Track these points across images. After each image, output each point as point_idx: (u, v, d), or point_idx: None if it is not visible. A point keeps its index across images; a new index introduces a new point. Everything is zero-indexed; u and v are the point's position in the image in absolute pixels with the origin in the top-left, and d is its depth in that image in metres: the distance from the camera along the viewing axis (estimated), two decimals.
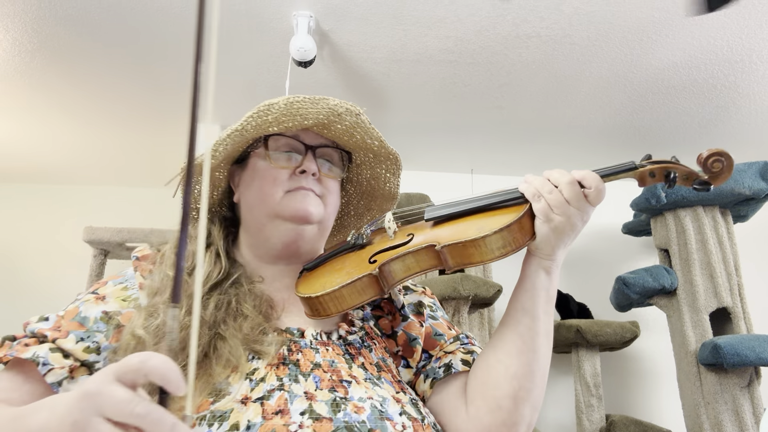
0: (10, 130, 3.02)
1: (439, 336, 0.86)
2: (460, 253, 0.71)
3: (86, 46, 2.31)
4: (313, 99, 0.79)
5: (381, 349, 0.82)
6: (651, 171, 0.72)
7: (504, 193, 0.76)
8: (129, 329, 0.68)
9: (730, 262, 2.41)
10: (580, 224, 0.72)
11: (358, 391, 0.68)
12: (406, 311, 0.89)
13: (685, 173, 0.72)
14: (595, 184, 0.70)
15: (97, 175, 3.64)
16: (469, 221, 0.76)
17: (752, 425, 2.12)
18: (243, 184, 0.87)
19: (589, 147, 3.21)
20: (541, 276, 0.74)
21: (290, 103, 0.77)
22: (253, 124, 0.77)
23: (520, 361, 0.73)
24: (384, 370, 0.77)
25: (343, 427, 0.61)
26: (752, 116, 2.86)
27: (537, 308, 0.74)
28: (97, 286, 0.78)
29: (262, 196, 0.82)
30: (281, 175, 0.81)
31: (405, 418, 0.67)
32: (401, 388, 0.75)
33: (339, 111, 0.81)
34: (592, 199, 0.71)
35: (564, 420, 2.97)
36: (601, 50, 2.36)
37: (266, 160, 0.83)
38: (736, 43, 2.31)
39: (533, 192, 0.72)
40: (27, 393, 0.67)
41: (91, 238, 2.86)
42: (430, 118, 2.90)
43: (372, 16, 2.15)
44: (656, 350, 3.16)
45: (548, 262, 0.74)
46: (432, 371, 0.81)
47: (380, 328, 0.88)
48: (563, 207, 0.70)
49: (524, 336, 0.74)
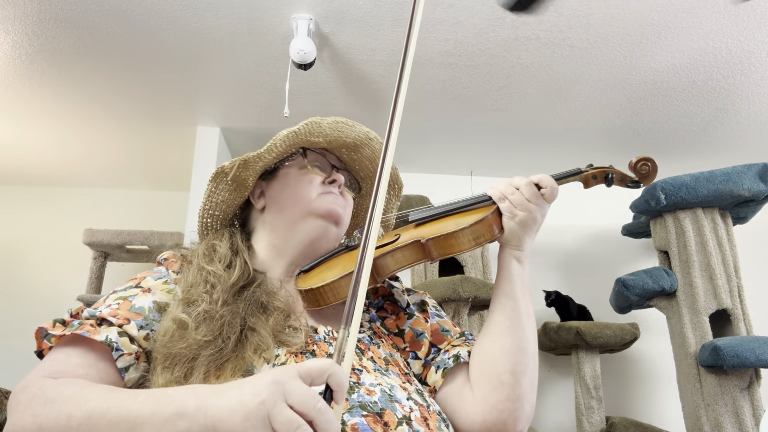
0: (10, 133, 3.03)
1: (446, 332, 0.94)
2: (442, 244, 0.83)
3: (86, 49, 2.31)
4: (353, 123, 0.96)
5: (389, 346, 0.89)
6: (593, 174, 0.92)
7: (474, 198, 0.91)
8: (170, 315, 0.74)
9: (730, 263, 2.41)
10: (540, 218, 0.86)
11: (369, 378, 0.74)
12: (412, 309, 0.97)
13: (619, 175, 0.93)
14: (550, 184, 0.86)
15: (97, 178, 3.64)
16: (446, 220, 0.89)
17: (752, 427, 2.12)
18: (272, 191, 0.96)
19: (588, 149, 3.22)
20: (514, 264, 0.87)
21: (336, 122, 0.93)
22: (306, 130, 0.90)
23: (512, 338, 0.83)
24: (391, 363, 0.83)
25: (357, 406, 0.68)
26: (751, 118, 2.86)
27: (516, 291, 0.86)
28: (136, 281, 0.82)
29: (297, 195, 0.92)
30: (316, 179, 0.94)
31: (412, 402, 0.74)
32: (408, 380, 0.82)
33: (370, 136, 0.99)
34: (548, 197, 0.86)
35: (564, 422, 2.97)
36: (600, 53, 2.36)
37: (302, 168, 0.94)
38: (734, 46, 2.32)
39: (499, 195, 0.86)
40: (102, 372, 0.70)
41: (91, 240, 2.86)
42: (429, 120, 2.91)
43: (372, 18, 2.16)
44: (656, 352, 3.16)
45: (518, 252, 0.87)
46: (442, 362, 0.89)
47: (387, 327, 0.95)
48: (524, 204, 0.84)
49: (510, 316, 0.85)
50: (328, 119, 0.92)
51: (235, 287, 0.79)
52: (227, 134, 3.07)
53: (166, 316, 0.74)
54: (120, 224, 3.13)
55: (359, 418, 0.66)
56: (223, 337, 0.70)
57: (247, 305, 0.77)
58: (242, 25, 2.19)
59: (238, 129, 3.02)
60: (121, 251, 2.99)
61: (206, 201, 0.93)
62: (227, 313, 0.73)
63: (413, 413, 0.71)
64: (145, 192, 3.81)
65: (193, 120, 2.93)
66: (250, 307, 0.77)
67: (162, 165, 3.44)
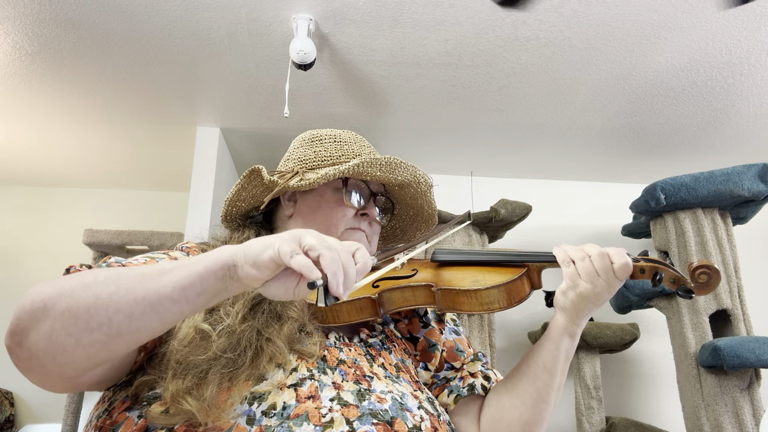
0: (9, 134, 3.03)
1: (460, 352, 0.95)
2: (452, 299, 0.79)
3: (86, 49, 2.31)
4: (406, 164, 0.91)
5: (401, 351, 0.90)
6: (641, 268, 0.77)
7: (521, 253, 0.83)
8: (191, 322, 0.72)
9: (730, 264, 2.41)
10: (605, 296, 0.78)
11: (380, 385, 0.74)
12: (429, 318, 0.97)
13: (671, 276, 0.77)
14: (622, 261, 0.76)
15: (97, 178, 3.64)
16: (469, 271, 0.83)
17: (752, 427, 2.12)
18: (305, 204, 0.94)
19: (588, 149, 3.22)
20: (566, 340, 0.82)
21: (389, 163, 0.89)
22: (357, 171, 0.87)
23: (534, 411, 0.82)
24: (403, 370, 0.84)
25: (368, 414, 0.68)
26: (751, 118, 2.86)
27: (556, 368, 0.82)
28: (163, 251, 0.82)
29: (327, 225, 0.91)
30: (349, 213, 0.92)
31: (423, 411, 0.74)
32: (419, 388, 0.82)
33: (419, 180, 0.95)
34: (618, 273, 0.76)
35: (564, 422, 2.97)
36: (600, 53, 2.36)
37: (339, 194, 0.92)
38: (734, 46, 2.32)
39: (564, 257, 0.79)
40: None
41: (91, 240, 2.86)
42: (429, 120, 2.91)
43: (371, 18, 2.16)
44: (656, 352, 3.16)
45: (573, 327, 0.81)
46: (456, 388, 0.90)
47: (399, 330, 0.96)
48: (591, 275, 0.76)
49: (541, 390, 0.82)
50: (381, 159, 0.87)
51: (256, 299, 0.79)
52: (227, 134, 3.07)
53: (186, 322, 0.73)
54: (120, 224, 3.13)
55: (370, 426, 0.66)
56: (240, 351, 0.70)
57: (264, 317, 0.77)
58: (242, 25, 2.19)
59: (238, 129, 3.02)
60: (121, 251, 2.99)
61: (235, 194, 0.92)
62: (247, 328, 0.73)
63: (424, 423, 0.71)
64: (145, 192, 3.81)
65: (193, 120, 2.93)
66: (266, 318, 0.77)
67: (162, 165, 3.44)
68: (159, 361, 0.70)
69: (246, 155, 3.28)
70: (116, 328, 0.56)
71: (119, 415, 0.66)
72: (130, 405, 0.66)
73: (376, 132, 2.99)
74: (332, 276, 0.53)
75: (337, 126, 1.76)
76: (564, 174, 3.56)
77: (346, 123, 2.84)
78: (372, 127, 2.95)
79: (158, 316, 0.57)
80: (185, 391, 0.64)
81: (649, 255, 0.79)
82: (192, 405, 0.62)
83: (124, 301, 0.56)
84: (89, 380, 0.64)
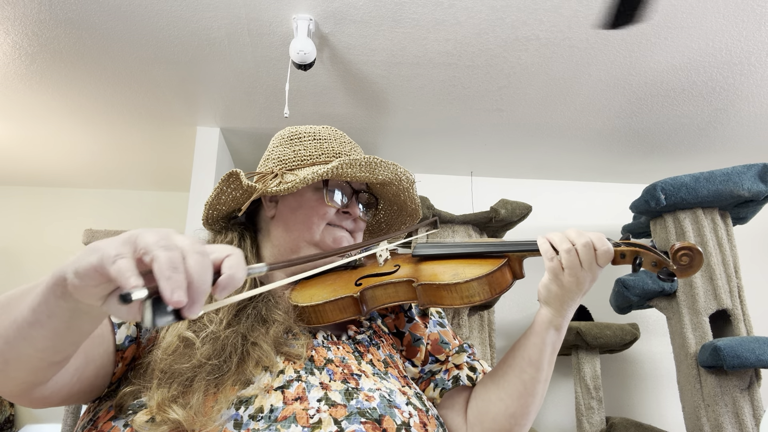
0: (9, 133, 3.03)
1: (445, 344, 0.95)
2: (433, 293, 0.78)
3: (86, 49, 2.31)
4: (387, 163, 0.89)
5: (388, 346, 0.90)
6: (622, 252, 0.77)
7: (501, 243, 0.81)
8: (175, 330, 0.71)
9: (730, 264, 2.41)
10: (588, 285, 0.78)
11: (368, 383, 0.74)
12: (413, 312, 0.97)
13: (652, 259, 0.75)
14: (605, 248, 0.76)
15: (97, 178, 3.64)
16: (450, 264, 0.81)
17: (752, 427, 2.12)
18: (286, 206, 0.92)
19: (588, 150, 3.22)
20: (551, 333, 0.81)
21: (369, 163, 0.87)
22: (337, 173, 0.85)
23: (520, 403, 0.82)
24: (391, 366, 0.84)
25: (356, 413, 0.68)
26: (751, 118, 2.86)
27: (542, 360, 0.81)
28: None
29: (307, 224, 0.89)
30: (330, 212, 0.90)
31: (411, 407, 0.74)
32: (407, 383, 0.82)
33: (401, 177, 0.94)
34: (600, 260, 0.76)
35: (564, 422, 2.97)
36: (600, 53, 2.36)
37: (320, 193, 0.90)
38: (734, 46, 2.32)
39: (548, 249, 0.77)
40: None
41: (90, 240, 2.86)
42: (429, 120, 2.91)
43: (371, 19, 2.16)
44: (656, 352, 3.16)
45: (559, 319, 0.81)
46: (441, 381, 0.90)
47: (386, 325, 0.96)
48: (575, 268, 0.76)
49: (527, 383, 0.82)
50: (361, 159, 0.86)
51: (241, 304, 0.78)
52: (227, 134, 3.07)
53: (170, 330, 0.72)
54: (120, 224, 3.13)
55: (358, 425, 0.66)
56: (225, 357, 0.70)
57: (250, 322, 0.76)
58: (242, 26, 2.19)
59: (238, 129, 3.02)
60: None
61: (215, 198, 0.89)
62: (231, 334, 0.72)
63: (412, 419, 0.72)
64: (145, 192, 3.81)
65: (193, 120, 2.93)
66: (251, 323, 0.76)
67: (162, 165, 3.44)
68: (143, 371, 0.69)
69: (246, 155, 3.28)
70: (4, 355, 0.53)
71: (104, 424, 0.66)
72: (115, 414, 0.66)
73: (376, 132, 2.99)
74: (165, 281, 0.41)
75: (337, 126, 1.76)
76: (564, 174, 3.56)
77: (346, 123, 2.84)
78: (372, 127, 2.95)
79: (26, 342, 0.52)
80: (171, 399, 0.63)
81: (631, 239, 0.77)
82: (178, 413, 0.62)
83: (3, 326, 0.53)
84: (59, 397, 0.63)
